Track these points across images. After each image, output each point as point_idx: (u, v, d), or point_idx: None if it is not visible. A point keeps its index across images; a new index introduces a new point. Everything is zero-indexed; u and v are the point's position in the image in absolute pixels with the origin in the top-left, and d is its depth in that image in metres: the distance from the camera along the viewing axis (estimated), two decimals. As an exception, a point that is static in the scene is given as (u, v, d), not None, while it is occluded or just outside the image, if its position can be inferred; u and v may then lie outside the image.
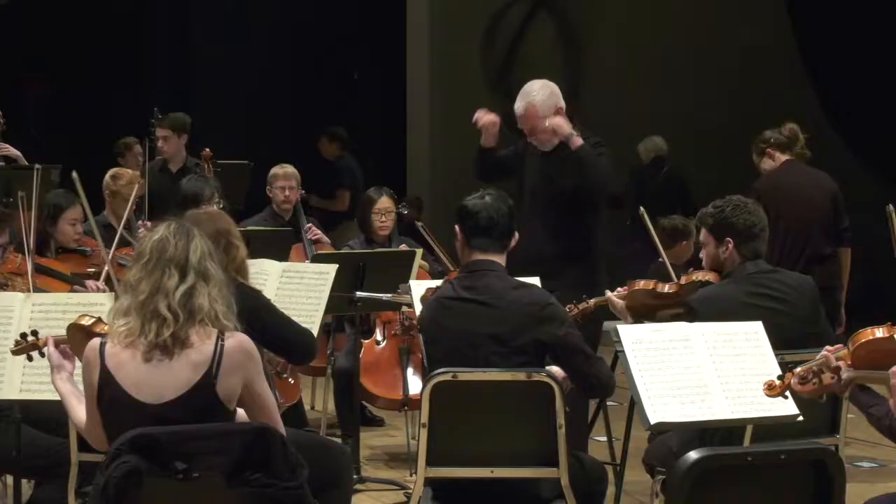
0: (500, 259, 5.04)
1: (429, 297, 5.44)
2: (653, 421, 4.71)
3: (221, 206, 7.66)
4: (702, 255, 5.69)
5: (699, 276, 5.68)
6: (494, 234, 5.01)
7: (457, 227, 5.08)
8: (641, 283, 5.84)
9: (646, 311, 5.79)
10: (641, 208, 6.56)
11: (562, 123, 6.51)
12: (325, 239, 8.56)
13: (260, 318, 4.93)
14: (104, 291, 6.81)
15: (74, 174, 6.53)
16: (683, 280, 5.77)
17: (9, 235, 5.96)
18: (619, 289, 5.91)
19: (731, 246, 5.49)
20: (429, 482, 4.92)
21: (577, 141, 6.48)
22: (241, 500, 3.88)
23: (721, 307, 5.28)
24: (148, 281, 4.03)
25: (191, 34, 13.36)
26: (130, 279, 4.09)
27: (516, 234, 5.11)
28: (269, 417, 4.10)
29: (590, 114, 11.08)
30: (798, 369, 4.07)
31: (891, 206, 5.81)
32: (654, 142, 11.45)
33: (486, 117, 6.75)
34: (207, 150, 9.03)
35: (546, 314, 4.92)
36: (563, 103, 6.62)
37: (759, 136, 7.81)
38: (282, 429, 4.10)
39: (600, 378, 4.98)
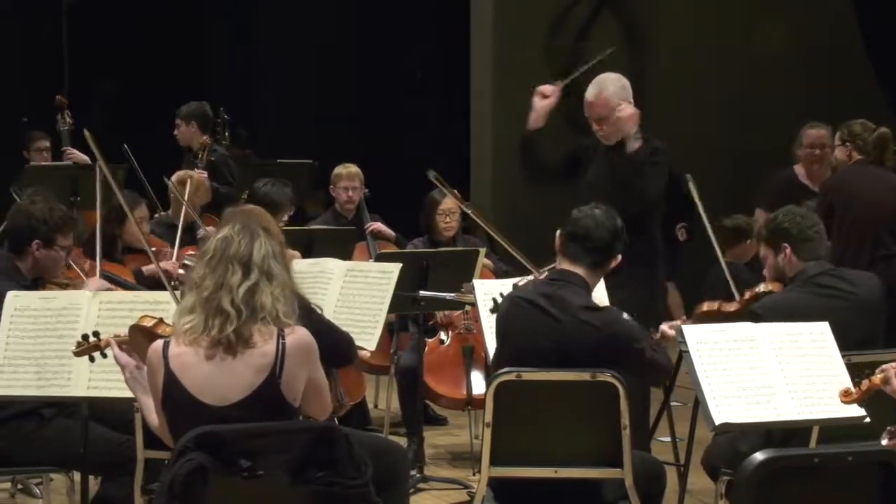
0: (588, 275, 4.99)
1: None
2: (718, 422, 4.69)
3: (292, 212, 7.73)
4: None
5: (762, 288, 5.63)
6: (587, 246, 4.97)
7: (558, 232, 5.07)
8: (706, 307, 5.80)
9: None
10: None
11: (628, 119, 6.48)
12: (390, 233, 8.59)
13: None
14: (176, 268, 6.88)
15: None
16: (748, 295, 5.71)
17: (73, 238, 6.02)
18: (671, 322, 5.83)
19: (788, 251, 5.48)
20: (492, 482, 4.92)
21: (634, 145, 6.46)
22: (306, 498, 3.89)
23: (787, 313, 5.19)
24: (212, 277, 4.05)
25: (255, 33, 13.41)
26: (195, 277, 4.11)
27: (618, 258, 5.07)
28: (321, 398, 4.16)
29: (652, 113, 11.02)
30: (875, 377, 4.04)
31: None
32: None
33: (547, 86, 6.77)
34: (205, 137, 9.11)
35: (609, 343, 4.87)
36: (631, 99, 6.62)
37: (849, 125, 7.76)
38: (329, 407, 4.21)
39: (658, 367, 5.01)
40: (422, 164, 11.86)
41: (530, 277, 5.65)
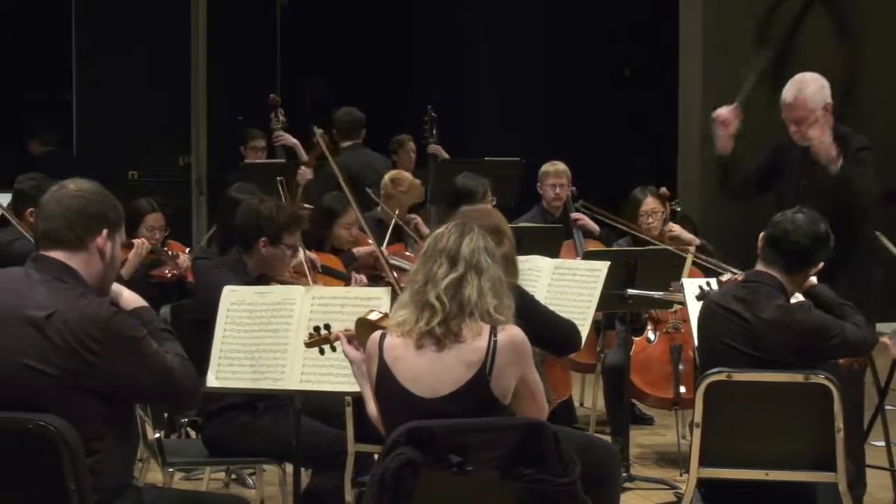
0: (784, 278, 4.93)
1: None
2: (935, 426, 4.58)
3: (494, 203, 7.76)
4: None
5: None
6: (783, 249, 4.92)
7: (761, 234, 5.04)
8: None
9: None
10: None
11: (828, 146, 6.31)
12: (594, 227, 8.57)
13: (522, 315, 4.94)
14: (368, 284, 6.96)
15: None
16: None
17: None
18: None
19: None
20: (700, 482, 4.88)
21: (836, 166, 6.32)
22: (514, 495, 3.89)
23: None
24: (422, 271, 4.10)
25: (462, 32, 13.50)
26: (412, 272, 4.19)
27: (820, 265, 5.01)
28: (534, 398, 4.13)
29: (864, 112, 10.78)
30: None
31: None
32: None
33: (723, 111, 6.65)
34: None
35: (803, 341, 4.81)
36: (830, 100, 6.47)
37: None
38: (545, 406, 4.16)
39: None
40: (630, 163, 11.83)
41: (737, 275, 5.59)
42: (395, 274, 6.57)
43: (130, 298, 4.09)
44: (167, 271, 7.46)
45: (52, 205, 3.89)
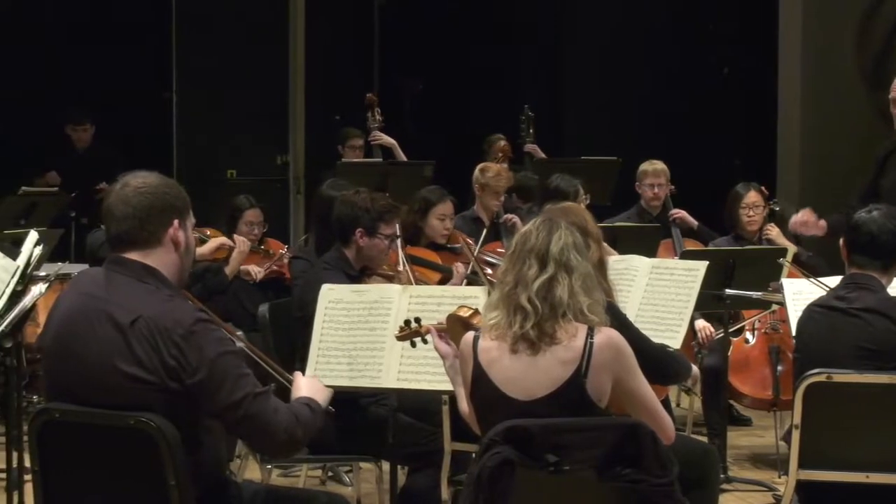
0: (882, 277, 4.95)
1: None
2: None
3: (587, 202, 7.75)
4: None
5: None
6: (873, 253, 4.93)
7: (841, 241, 5.03)
8: None
9: None
10: None
11: None
12: (692, 221, 8.53)
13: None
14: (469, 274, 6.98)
15: None
16: None
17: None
18: None
19: None
20: (798, 485, 4.83)
21: None
22: (611, 494, 3.87)
23: None
24: (512, 273, 4.06)
25: (560, 32, 13.47)
26: (499, 273, 4.16)
27: None
28: (648, 413, 4.07)
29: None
30: None
31: None
32: None
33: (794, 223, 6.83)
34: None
35: None
36: None
37: None
38: (667, 425, 4.09)
39: None
40: (728, 162, 11.71)
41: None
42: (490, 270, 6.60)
43: (306, 388, 4.11)
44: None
45: (121, 205, 3.83)
